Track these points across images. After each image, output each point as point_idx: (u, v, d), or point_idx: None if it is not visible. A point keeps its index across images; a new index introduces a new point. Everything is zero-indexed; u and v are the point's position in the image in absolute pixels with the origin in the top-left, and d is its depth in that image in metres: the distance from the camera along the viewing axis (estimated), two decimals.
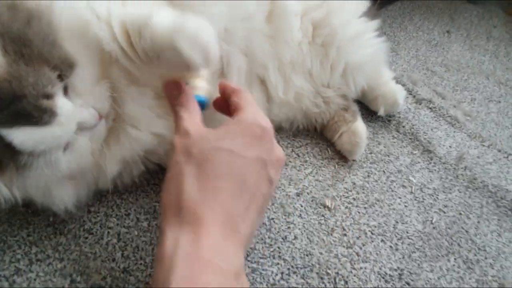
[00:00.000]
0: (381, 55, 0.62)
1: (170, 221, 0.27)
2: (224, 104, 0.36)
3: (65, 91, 0.31)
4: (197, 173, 0.28)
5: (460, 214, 0.55)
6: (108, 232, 0.43)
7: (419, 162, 0.61)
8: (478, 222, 0.54)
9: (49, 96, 0.28)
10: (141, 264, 0.41)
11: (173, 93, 0.33)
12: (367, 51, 0.57)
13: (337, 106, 0.59)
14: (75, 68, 0.31)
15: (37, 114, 0.27)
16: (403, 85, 0.77)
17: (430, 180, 0.59)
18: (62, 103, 0.29)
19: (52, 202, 0.36)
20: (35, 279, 0.38)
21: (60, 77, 0.30)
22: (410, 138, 0.65)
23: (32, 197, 0.34)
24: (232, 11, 0.42)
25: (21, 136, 0.27)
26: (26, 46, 0.28)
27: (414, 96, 0.74)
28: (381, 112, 0.63)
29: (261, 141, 0.31)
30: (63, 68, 0.30)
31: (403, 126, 0.67)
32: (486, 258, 0.50)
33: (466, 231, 0.53)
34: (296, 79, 0.53)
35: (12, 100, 0.26)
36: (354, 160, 0.59)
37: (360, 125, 0.58)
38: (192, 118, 0.32)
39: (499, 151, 0.66)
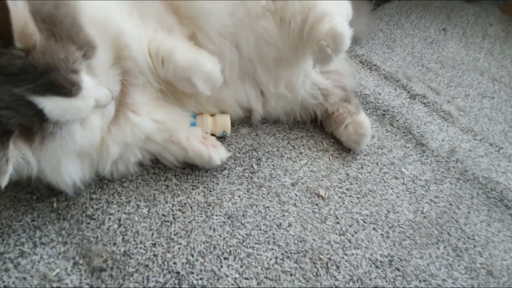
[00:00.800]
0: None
1: None
2: None
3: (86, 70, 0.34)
4: None
5: (451, 204, 0.57)
6: (109, 218, 0.45)
7: (411, 155, 0.63)
8: (468, 212, 0.56)
9: (76, 71, 0.32)
10: (141, 248, 0.43)
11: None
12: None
13: (337, 97, 0.60)
14: (96, 50, 0.34)
15: (67, 86, 0.31)
16: (398, 80, 0.78)
17: (422, 172, 0.60)
18: (86, 79, 0.33)
19: (60, 177, 0.38)
20: (39, 261, 0.40)
21: (85, 56, 0.33)
22: (403, 132, 0.67)
23: (44, 171, 0.36)
24: (223, 7, 0.46)
25: (51, 105, 0.30)
26: (56, 26, 0.30)
27: (408, 92, 0.76)
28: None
29: None
30: (87, 49, 0.33)
31: (397, 120, 0.68)
32: (475, 246, 0.52)
33: (456, 221, 0.54)
34: (283, 71, 0.54)
35: (45, 71, 0.29)
36: (348, 153, 0.60)
37: (364, 117, 0.59)
38: None
39: (491, 145, 0.68)
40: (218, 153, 0.49)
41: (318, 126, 0.64)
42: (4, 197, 0.45)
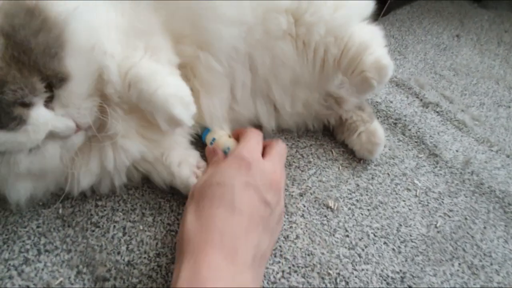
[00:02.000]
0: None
1: (177, 259, 0.31)
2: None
3: (50, 100, 0.32)
4: (196, 208, 0.33)
5: (466, 219, 0.54)
6: (114, 226, 0.44)
7: (424, 166, 0.61)
8: (484, 227, 0.54)
9: (25, 105, 0.29)
10: (145, 258, 0.42)
11: (210, 156, 0.44)
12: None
13: (351, 104, 0.58)
14: (67, 82, 0.32)
15: (4, 120, 0.28)
16: (410, 88, 0.76)
17: (436, 184, 0.58)
18: (37, 114, 0.30)
19: (6, 192, 0.36)
20: (42, 269, 0.39)
21: (49, 87, 0.31)
22: (416, 142, 0.65)
23: None
24: (237, 32, 0.44)
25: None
26: (25, 54, 0.28)
27: (421, 100, 0.74)
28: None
29: (248, 170, 0.35)
30: (54, 80, 0.31)
31: (409, 129, 0.66)
32: (491, 264, 0.49)
33: (472, 236, 0.52)
34: (300, 91, 0.53)
35: None
36: (358, 162, 0.59)
37: (378, 125, 0.58)
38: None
39: (508, 156, 0.65)
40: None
41: (328, 134, 0.62)
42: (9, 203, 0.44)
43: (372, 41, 0.46)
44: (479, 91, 0.83)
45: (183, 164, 0.45)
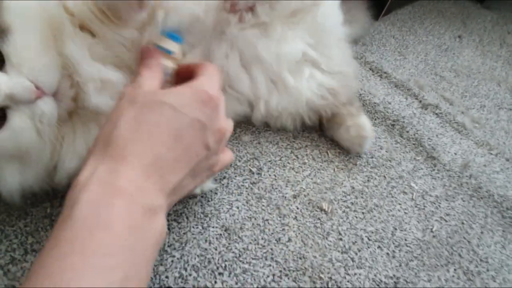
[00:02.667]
0: None
1: (95, 153, 0.28)
2: (188, 76, 0.36)
3: (2, 64, 0.30)
4: (136, 116, 0.29)
5: (463, 223, 0.53)
6: None
7: (422, 169, 0.60)
8: (482, 232, 0.53)
9: None
10: None
11: (144, 56, 0.35)
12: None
13: (345, 97, 0.57)
14: (9, 34, 0.29)
15: None
16: (409, 89, 0.75)
17: (433, 187, 0.57)
18: None
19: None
20: (29, 269, 0.39)
21: None
22: (413, 144, 0.64)
23: None
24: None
25: None
26: None
27: (420, 101, 0.73)
28: None
29: (205, 107, 0.32)
30: None
31: (407, 131, 0.65)
32: (488, 270, 0.48)
33: (468, 241, 0.51)
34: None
35: None
36: (354, 164, 0.58)
37: (365, 119, 0.57)
38: (150, 78, 0.33)
39: (507, 160, 0.64)
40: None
41: (325, 135, 0.61)
42: None
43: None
44: (480, 93, 0.81)
45: None
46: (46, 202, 0.44)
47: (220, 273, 0.42)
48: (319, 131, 0.61)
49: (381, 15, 0.97)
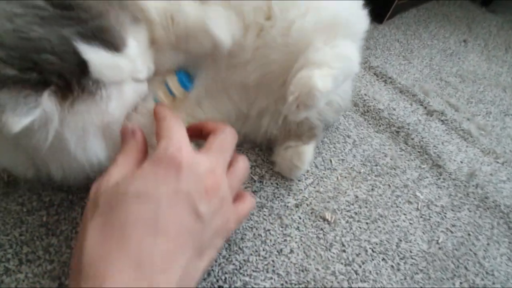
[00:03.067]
0: None
1: (71, 284, 0.24)
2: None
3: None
4: (102, 225, 0.25)
5: (469, 234, 0.52)
6: None
7: (427, 177, 0.59)
8: (488, 244, 0.51)
9: (125, 30, 0.30)
10: None
11: (123, 138, 0.33)
12: None
13: (307, 126, 0.51)
14: (139, 24, 0.33)
15: (116, 38, 0.27)
16: (414, 95, 0.74)
17: (438, 197, 0.56)
18: (132, 42, 0.31)
19: (85, 153, 0.33)
20: (23, 280, 0.38)
21: (131, 24, 0.31)
22: (418, 151, 0.62)
23: (66, 142, 0.30)
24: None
25: (95, 57, 0.26)
26: None
27: (425, 108, 0.71)
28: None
29: (178, 173, 0.26)
30: (134, 18, 0.32)
31: (412, 139, 0.64)
32: (494, 283, 0.47)
33: (474, 254, 0.50)
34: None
35: (97, 17, 0.26)
36: (358, 173, 0.57)
37: (308, 149, 0.50)
38: (122, 164, 0.29)
39: None
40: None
41: (328, 142, 0.60)
42: None
43: (324, 62, 0.39)
44: (486, 99, 0.80)
45: None
46: (42, 211, 0.43)
47: (219, 286, 0.40)
48: (323, 139, 0.60)
49: (386, 19, 0.95)
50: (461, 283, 0.46)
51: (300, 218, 0.49)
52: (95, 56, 0.26)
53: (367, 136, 0.63)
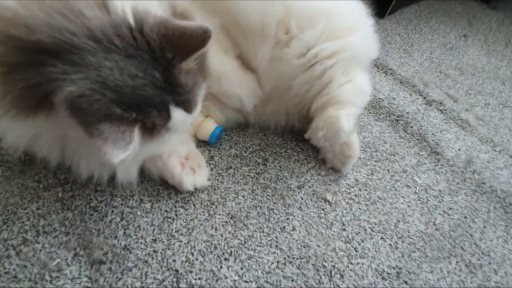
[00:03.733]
0: None
1: None
2: None
3: None
4: None
5: (466, 217, 0.54)
6: (112, 211, 0.45)
7: (425, 163, 0.60)
8: (484, 227, 0.53)
9: (199, 95, 0.37)
10: (141, 243, 0.42)
11: None
12: None
13: None
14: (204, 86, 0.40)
15: (193, 105, 0.36)
16: (414, 86, 0.76)
17: (436, 182, 0.58)
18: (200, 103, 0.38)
19: (125, 170, 0.41)
20: (40, 250, 0.40)
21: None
22: (417, 139, 0.64)
23: (124, 163, 0.36)
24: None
25: (178, 116, 0.35)
26: (199, 59, 0.36)
27: (424, 98, 0.73)
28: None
29: None
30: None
31: (411, 127, 0.66)
32: (490, 263, 0.49)
33: (471, 235, 0.52)
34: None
35: (189, 90, 0.35)
36: (358, 157, 0.58)
37: (355, 138, 0.54)
38: None
39: (511, 157, 0.64)
40: (192, 178, 0.46)
41: None
42: (12, 184, 0.45)
43: (347, 100, 0.48)
44: (485, 91, 0.82)
45: (173, 154, 0.46)
46: (58, 187, 0.46)
47: (226, 259, 0.43)
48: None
49: (387, 14, 0.97)
50: (457, 262, 0.48)
51: (302, 198, 0.51)
52: (177, 116, 0.35)
53: (367, 124, 0.65)
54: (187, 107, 0.35)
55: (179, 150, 0.47)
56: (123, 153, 0.29)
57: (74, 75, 0.28)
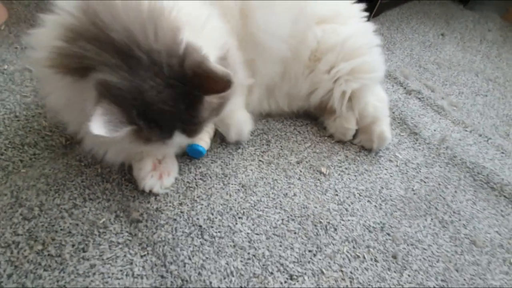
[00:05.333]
0: None
1: None
2: None
3: None
4: None
5: (439, 184, 0.63)
6: None
7: (405, 142, 0.70)
8: (455, 191, 0.63)
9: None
10: (170, 206, 0.51)
11: None
12: None
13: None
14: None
15: (198, 133, 0.42)
16: (395, 78, 0.86)
17: (415, 157, 0.68)
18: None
19: (113, 156, 0.47)
20: (88, 212, 0.49)
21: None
22: (398, 122, 0.74)
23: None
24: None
25: (177, 138, 0.40)
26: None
27: (404, 88, 0.83)
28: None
29: None
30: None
31: (393, 112, 0.76)
32: (460, 220, 0.58)
33: (443, 198, 0.61)
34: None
35: (202, 122, 0.40)
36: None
37: (352, 114, 0.65)
38: None
39: (480, 135, 0.74)
40: (154, 182, 0.51)
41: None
42: (58, 163, 0.54)
43: (381, 115, 0.65)
44: (459, 82, 0.92)
45: (150, 154, 0.52)
46: (97, 164, 0.55)
47: (239, 217, 0.52)
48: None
49: (371, 16, 1.08)
50: (432, 219, 0.58)
51: (301, 171, 0.60)
52: (177, 138, 0.40)
53: None
54: (191, 134, 0.40)
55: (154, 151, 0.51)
56: (104, 133, 0.32)
57: (121, 72, 0.34)
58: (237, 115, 0.57)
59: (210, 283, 0.44)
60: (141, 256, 0.46)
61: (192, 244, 0.47)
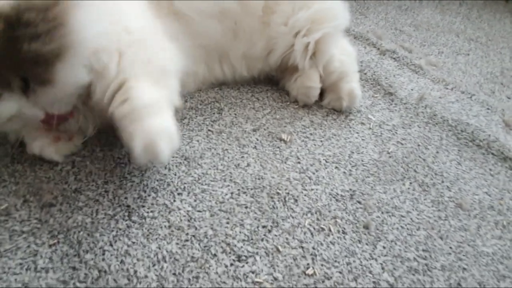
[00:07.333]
0: None
1: None
2: None
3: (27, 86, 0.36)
4: None
5: (419, 145, 0.55)
6: (63, 161, 0.45)
7: (379, 104, 0.62)
8: (437, 152, 0.55)
9: None
10: (92, 185, 0.42)
11: None
12: None
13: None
14: (49, 86, 0.35)
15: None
16: (367, 39, 0.78)
17: (390, 118, 0.60)
18: (4, 105, 0.36)
19: None
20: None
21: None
22: (371, 84, 0.66)
23: None
24: None
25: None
26: (16, 52, 0.33)
27: (378, 49, 0.76)
28: None
29: None
30: (35, 81, 0.35)
31: (365, 73, 0.68)
32: (443, 182, 0.50)
33: (424, 160, 0.53)
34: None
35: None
36: (313, 104, 0.60)
37: (314, 70, 0.58)
38: None
39: (463, 92, 0.67)
40: (43, 144, 0.43)
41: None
42: None
43: (349, 71, 0.58)
44: (439, 43, 0.85)
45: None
46: (7, 144, 0.46)
47: (179, 193, 0.43)
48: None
49: None
50: (410, 183, 0.49)
51: (257, 139, 0.52)
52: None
53: None
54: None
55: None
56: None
57: None
58: (149, 120, 0.35)
59: (135, 272, 0.35)
60: (50, 246, 0.37)
61: (116, 227, 0.39)
